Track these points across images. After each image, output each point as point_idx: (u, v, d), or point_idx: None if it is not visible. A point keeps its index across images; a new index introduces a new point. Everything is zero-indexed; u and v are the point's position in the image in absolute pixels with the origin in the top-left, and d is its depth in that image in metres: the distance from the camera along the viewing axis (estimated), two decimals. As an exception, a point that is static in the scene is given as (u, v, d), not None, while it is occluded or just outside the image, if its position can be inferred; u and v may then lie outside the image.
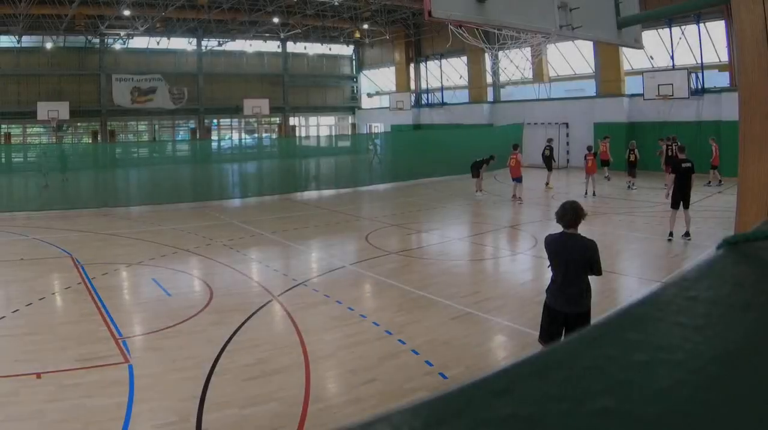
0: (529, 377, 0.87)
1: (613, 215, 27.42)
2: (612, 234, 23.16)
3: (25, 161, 45.43)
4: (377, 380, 10.51)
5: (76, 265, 19.47)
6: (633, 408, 0.75)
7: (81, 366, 11.05)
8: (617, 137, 41.29)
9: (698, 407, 0.76)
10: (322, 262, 20.34)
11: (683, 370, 0.83)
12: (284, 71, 77.08)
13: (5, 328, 13.35)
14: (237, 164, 50.46)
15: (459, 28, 24.94)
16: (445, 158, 42.58)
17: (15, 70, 63.02)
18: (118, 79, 66.63)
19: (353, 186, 40.48)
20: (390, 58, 75.60)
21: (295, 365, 11.18)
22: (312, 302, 15.26)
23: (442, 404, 0.85)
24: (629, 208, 28.96)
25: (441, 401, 0.85)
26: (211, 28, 66.55)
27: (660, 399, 0.77)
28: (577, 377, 0.84)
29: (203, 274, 18.60)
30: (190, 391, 10.04)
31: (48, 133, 66.26)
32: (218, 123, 76.05)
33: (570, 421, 0.75)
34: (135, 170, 46.32)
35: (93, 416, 9.15)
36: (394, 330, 12.85)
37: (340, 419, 9.16)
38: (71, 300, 15.80)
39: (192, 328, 13.31)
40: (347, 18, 65.31)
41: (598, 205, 29.46)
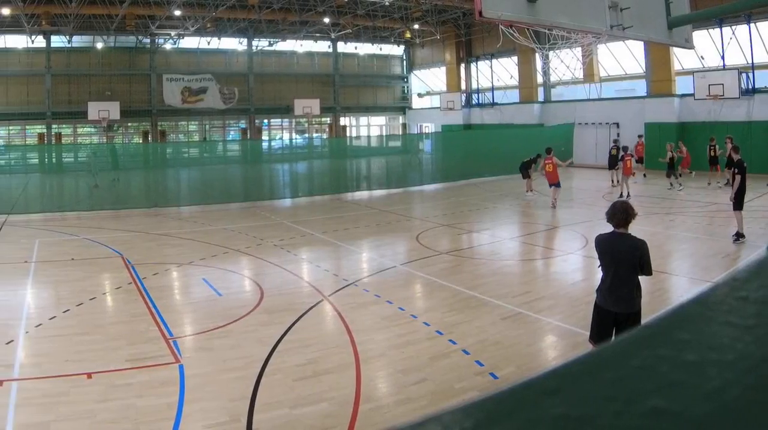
0: (579, 377, 0.86)
1: (664, 214, 27.21)
2: (662, 234, 22.96)
3: (75, 161, 45.88)
4: (428, 380, 10.49)
5: (126, 265, 19.67)
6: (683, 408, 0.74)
7: (131, 366, 11.16)
8: (668, 138, 40.92)
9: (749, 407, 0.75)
10: (372, 262, 20.36)
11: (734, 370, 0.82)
12: (335, 71, 77.23)
13: (56, 328, 13.51)
14: (287, 164, 50.65)
15: (509, 27, 24.86)
16: (496, 158, 42.46)
17: (66, 70, 63.79)
18: (169, 79, 67.23)
19: (404, 186, 40.47)
20: (441, 58, 75.29)
21: (345, 365, 11.20)
22: (363, 302, 15.29)
23: (493, 404, 0.85)
24: (679, 208, 28.68)
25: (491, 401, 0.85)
26: (261, 28, 66.84)
27: (710, 399, 0.76)
28: (627, 377, 0.84)
29: (254, 274, 18.69)
30: (240, 391, 10.09)
31: (98, 133, 66.91)
32: (269, 123, 76.39)
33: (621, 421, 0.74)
34: (185, 170, 46.63)
35: (143, 416, 9.24)
36: (445, 330, 12.83)
37: (391, 420, 9.20)
38: (122, 300, 15.96)
39: (243, 328, 13.38)
40: (398, 18, 65.35)
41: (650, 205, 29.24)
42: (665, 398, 0.79)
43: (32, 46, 62.20)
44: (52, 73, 62.90)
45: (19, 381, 10.57)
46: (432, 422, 0.83)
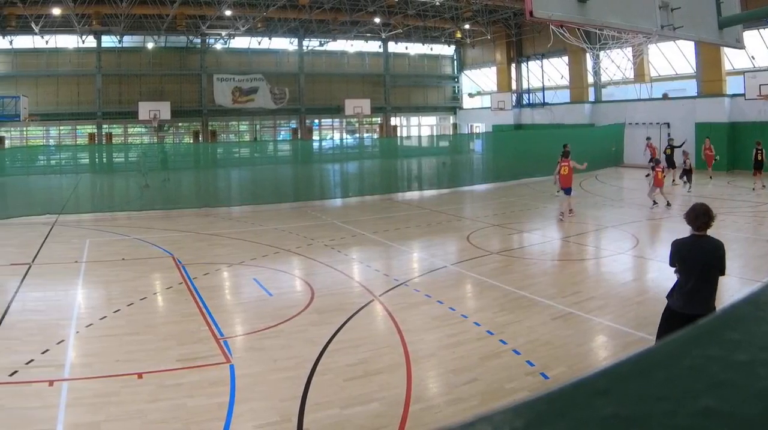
0: (630, 377, 0.85)
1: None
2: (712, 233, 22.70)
3: (126, 161, 46.36)
4: (478, 380, 10.47)
5: (177, 265, 19.81)
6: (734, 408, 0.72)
7: (182, 366, 11.23)
8: (718, 138, 40.69)
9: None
10: (423, 262, 20.35)
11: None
12: (385, 71, 77.52)
13: (107, 328, 13.62)
14: (338, 164, 50.83)
15: (560, 28, 24.81)
16: (546, 158, 42.28)
17: (117, 70, 64.67)
18: (219, 79, 67.79)
19: (454, 186, 40.42)
20: (491, 58, 75.26)
21: (396, 365, 11.21)
22: (413, 302, 15.28)
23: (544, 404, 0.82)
24: (729, 209, 28.36)
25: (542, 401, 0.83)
26: (312, 28, 67.35)
27: (761, 399, 0.74)
28: (678, 377, 0.82)
29: (304, 274, 18.73)
30: (291, 391, 10.11)
31: (149, 133, 67.58)
32: (319, 123, 76.88)
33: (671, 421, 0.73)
34: (236, 170, 46.98)
35: (194, 416, 9.28)
36: (496, 330, 12.83)
37: (442, 420, 9.17)
38: (172, 300, 16.07)
39: (293, 328, 13.41)
40: (448, 18, 65.45)
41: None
42: (716, 398, 0.76)
43: (83, 46, 63.07)
44: (102, 73, 63.76)
45: (69, 381, 10.65)
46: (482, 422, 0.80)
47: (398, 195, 38.09)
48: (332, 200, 37.05)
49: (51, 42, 61.89)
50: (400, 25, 66.06)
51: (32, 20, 54.31)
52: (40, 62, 62.51)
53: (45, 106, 61.47)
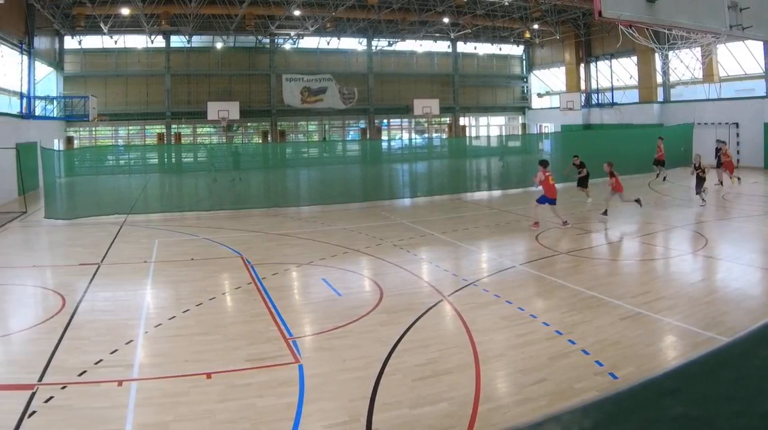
0: (699, 378, 0.80)
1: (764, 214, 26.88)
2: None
3: (195, 161, 46.80)
4: (547, 380, 10.42)
5: (246, 265, 19.96)
6: None
7: (251, 366, 11.29)
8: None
9: None
10: (492, 262, 20.34)
11: None
12: (454, 71, 77.44)
13: (176, 328, 13.77)
14: (407, 164, 50.88)
15: (629, 27, 24.70)
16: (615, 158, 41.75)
17: (185, 70, 65.55)
18: (288, 79, 68.25)
19: (523, 186, 40.19)
20: (560, 58, 74.98)
21: (465, 365, 11.19)
22: (482, 302, 15.27)
23: (612, 405, 0.78)
24: None
25: (611, 401, 0.79)
26: (381, 28, 67.58)
27: None
28: (747, 377, 0.77)
29: (373, 274, 18.77)
30: (360, 391, 10.12)
31: (218, 134, 68.21)
32: (388, 123, 77.07)
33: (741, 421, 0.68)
34: (305, 170, 47.18)
35: (263, 416, 9.32)
36: (564, 330, 12.80)
37: (510, 419, 9.14)
38: (241, 300, 16.18)
39: (362, 328, 13.44)
40: (517, 18, 65.20)
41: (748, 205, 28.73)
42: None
43: (152, 46, 64.00)
44: (171, 73, 64.66)
45: (138, 381, 10.77)
46: (551, 422, 0.75)
47: (467, 195, 38.09)
48: (401, 200, 37.09)
49: (120, 42, 62.88)
50: (468, 25, 66.01)
51: (101, 20, 55.11)
52: (109, 62, 63.56)
53: (114, 106, 62.55)
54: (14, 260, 22.12)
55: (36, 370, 11.12)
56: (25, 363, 11.57)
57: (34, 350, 12.25)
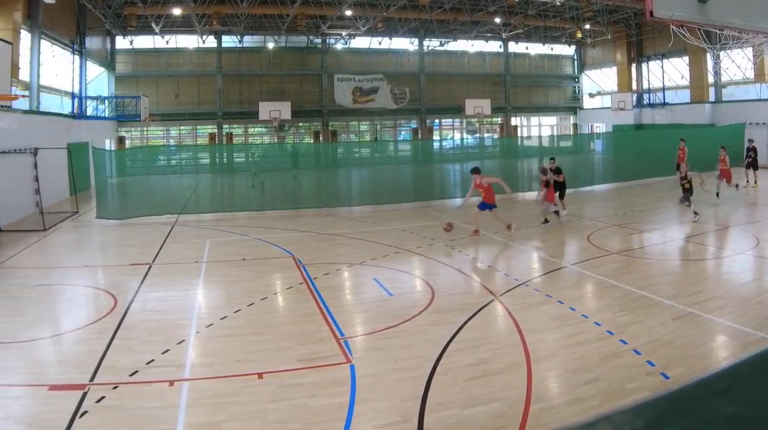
0: (750, 378, 0.78)
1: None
2: None
3: (246, 161, 47.05)
4: (599, 380, 10.39)
5: (297, 265, 20.03)
6: None
7: (302, 366, 11.32)
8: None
9: None
10: (543, 262, 20.32)
11: None
12: (506, 71, 77.27)
13: (227, 328, 13.85)
14: (458, 164, 50.83)
15: (680, 28, 24.55)
16: (667, 158, 41.54)
17: (237, 70, 66.08)
18: (340, 79, 68.59)
19: (575, 187, 40.00)
20: (612, 58, 74.55)
21: (516, 364, 11.18)
22: (533, 302, 15.28)
23: (664, 404, 0.77)
24: None
25: (662, 401, 0.77)
26: (432, 28, 67.58)
27: None
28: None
29: (425, 274, 18.77)
30: (411, 391, 10.12)
31: (269, 134, 68.59)
32: (440, 123, 77.09)
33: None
34: (356, 170, 47.27)
35: (314, 416, 9.34)
36: (616, 330, 12.75)
37: (562, 419, 9.16)
38: (293, 300, 16.23)
39: (414, 328, 13.44)
40: (569, 18, 64.93)
41: None
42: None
43: (203, 46, 64.61)
44: (223, 73, 65.23)
45: (190, 381, 10.85)
46: (603, 422, 0.74)
47: (518, 195, 37.92)
48: (453, 200, 37.04)
49: (171, 42, 63.60)
50: (520, 25, 65.82)
51: (152, 20, 55.74)
52: (161, 62, 64.24)
53: (165, 106, 63.23)
54: (66, 260, 22.43)
55: (87, 370, 11.23)
56: (76, 363, 11.68)
57: (86, 350, 12.37)
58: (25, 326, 14.12)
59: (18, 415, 9.55)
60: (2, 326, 14.08)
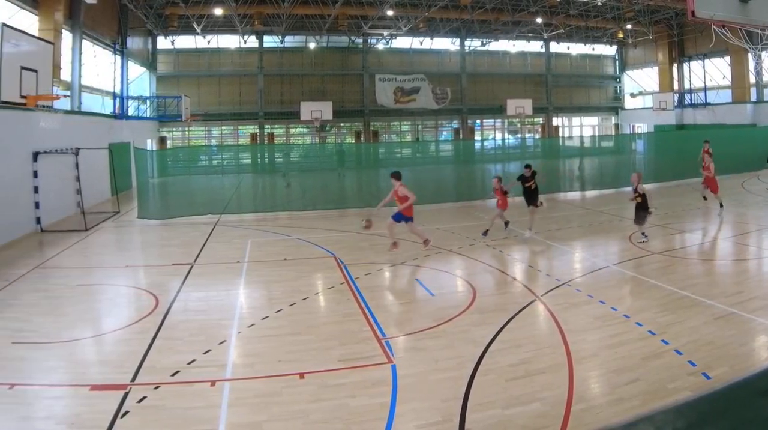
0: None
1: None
2: None
3: (287, 161, 47.14)
4: (640, 380, 10.37)
5: (339, 265, 20.09)
6: None
7: (344, 366, 11.36)
8: None
9: None
10: (585, 262, 20.26)
11: None
12: (547, 71, 77.29)
13: (269, 328, 13.91)
14: (500, 164, 50.80)
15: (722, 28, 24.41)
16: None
17: (278, 71, 66.43)
18: (381, 80, 68.77)
19: (617, 187, 39.85)
20: (653, 58, 74.33)
21: (558, 365, 11.19)
22: (575, 302, 15.26)
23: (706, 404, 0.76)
24: None
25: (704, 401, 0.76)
26: (474, 28, 67.66)
27: None
28: None
29: (466, 274, 18.80)
30: (453, 391, 10.14)
31: (311, 134, 68.83)
32: (481, 123, 77.12)
33: None
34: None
35: (356, 416, 9.37)
36: (658, 330, 12.72)
37: (603, 420, 9.15)
38: (334, 300, 16.26)
39: (455, 328, 13.45)
40: (610, 18, 64.89)
41: None
42: None
43: (245, 46, 64.97)
44: (264, 73, 65.61)
45: (231, 381, 10.91)
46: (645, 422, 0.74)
47: (560, 195, 38.00)
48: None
49: (213, 42, 63.98)
50: (561, 25, 65.79)
51: (194, 20, 56.14)
52: (202, 62, 64.74)
53: (207, 106, 63.81)
54: (107, 260, 22.60)
55: (129, 370, 11.33)
56: (118, 363, 11.78)
57: (127, 350, 12.48)
58: (67, 326, 14.27)
59: (60, 415, 9.65)
60: (44, 326, 14.26)
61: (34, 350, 12.64)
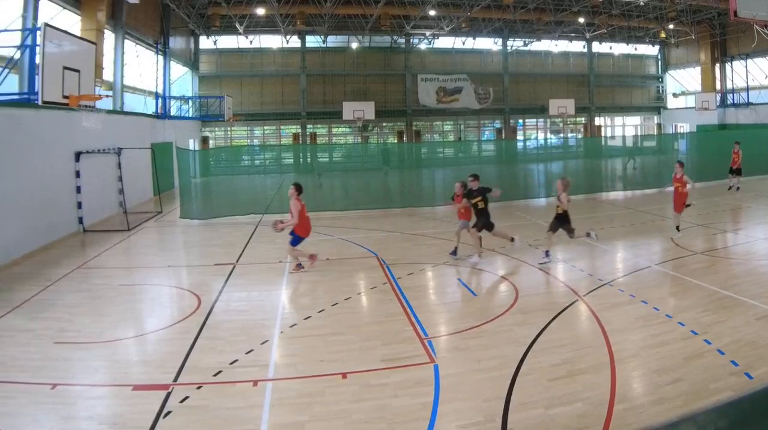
0: None
1: None
2: None
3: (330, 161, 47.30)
4: (683, 380, 10.33)
5: (381, 265, 20.13)
6: None
7: (386, 366, 11.38)
8: None
9: None
10: (627, 262, 20.22)
11: None
12: (590, 71, 77.03)
13: (311, 328, 13.96)
14: (542, 164, 50.73)
15: (764, 27, 24.31)
16: (751, 159, 40.90)
17: (321, 70, 66.68)
18: (424, 79, 68.85)
19: (658, 187, 39.67)
20: (695, 57, 73.90)
21: (600, 365, 11.18)
22: (617, 302, 15.23)
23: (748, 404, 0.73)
24: None
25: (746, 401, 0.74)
26: (516, 28, 67.56)
27: None
28: None
29: (508, 274, 18.78)
30: (495, 391, 10.15)
31: (353, 133, 69.00)
32: (523, 123, 76.98)
33: None
34: (440, 170, 47.23)
35: (398, 416, 9.39)
36: (700, 330, 12.67)
37: (646, 420, 9.10)
38: (377, 300, 16.29)
39: (497, 328, 13.47)
40: (652, 18, 64.54)
41: None
42: None
43: (287, 46, 65.09)
44: (307, 73, 65.75)
45: (273, 381, 10.96)
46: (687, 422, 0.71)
47: (602, 195, 37.99)
48: (536, 200, 37.03)
49: (255, 42, 64.32)
50: (604, 25, 65.34)
51: (236, 20, 56.38)
52: (244, 62, 65.10)
53: (249, 106, 64.24)
54: (150, 260, 22.80)
55: (171, 370, 11.43)
56: (160, 363, 11.89)
57: (170, 350, 12.59)
58: (109, 326, 14.41)
59: (102, 415, 9.75)
60: (86, 326, 14.41)
61: (77, 350, 12.77)
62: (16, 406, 9.97)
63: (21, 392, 10.53)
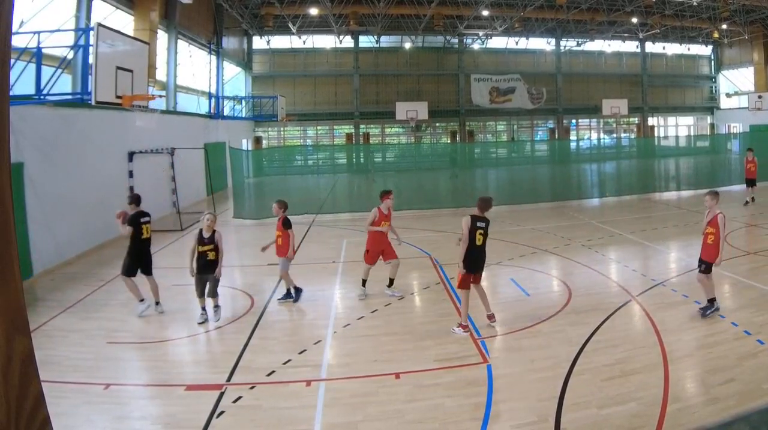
0: None
1: None
2: None
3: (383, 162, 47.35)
4: (736, 380, 10.25)
5: (434, 265, 20.17)
6: None
7: (439, 366, 11.40)
8: None
9: None
10: (680, 262, 20.07)
11: None
12: (642, 71, 76.45)
13: (364, 328, 14.03)
14: (595, 164, 50.57)
15: None
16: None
17: (374, 71, 66.81)
18: (477, 79, 68.76)
19: (712, 186, 39.32)
20: (748, 57, 72.99)
21: (653, 365, 11.14)
22: (671, 302, 15.18)
23: None
24: None
25: None
26: (569, 28, 67.41)
27: None
28: None
29: (561, 274, 18.74)
30: (548, 391, 10.15)
31: (406, 134, 68.97)
32: (576, 123, 76.67)
33: None
34: (493, 170, 47.17)
35: (451, 417, 9.39)
36: (753, 330, 12.60)
37: (698, 420, 9.05)
38: (429, 300, 16.38)
39: (551, 328, 13.48)
40: (705, 18, 63.85)
41: None
42: None
43: (340, 46, 65.28)
44: (360, 73, 65.90)
45: (327, 381, 11.02)
46: (740, 422, 0.71)
47: (655, 195, 37.81)
48: (589, 200, 36.92)
49: (308, 42, 64.54)
50: (657, 25, 64.87)
51: (289, 20, 56.67)
52: (298, 62, 65.42)
53: (302, 107, 64.50)
54: (204, 259, 22.85)
55: (224, 370, 11.55)
56: (213, 363, 12.06)
57: (223, 350, 12.76)
58: (162, 326, 14.66)
59: (155, 415, 9.88)
60: (139, 326, 14.65)
61: (130, 350, 12.96)
62: (70, 406, 10.09)
63: (74, 392, 10.68)
